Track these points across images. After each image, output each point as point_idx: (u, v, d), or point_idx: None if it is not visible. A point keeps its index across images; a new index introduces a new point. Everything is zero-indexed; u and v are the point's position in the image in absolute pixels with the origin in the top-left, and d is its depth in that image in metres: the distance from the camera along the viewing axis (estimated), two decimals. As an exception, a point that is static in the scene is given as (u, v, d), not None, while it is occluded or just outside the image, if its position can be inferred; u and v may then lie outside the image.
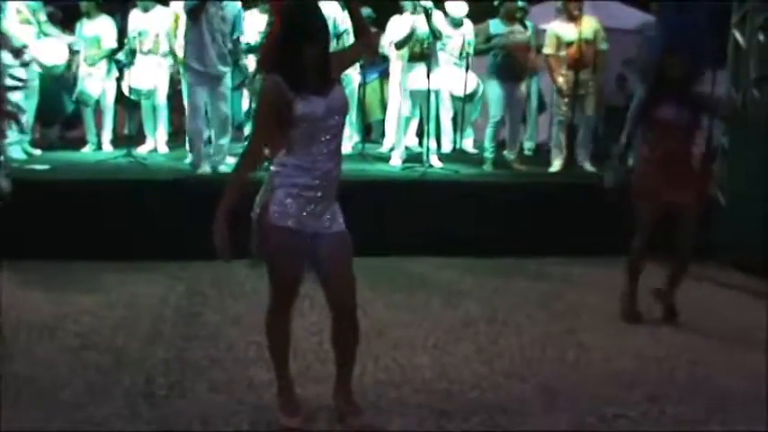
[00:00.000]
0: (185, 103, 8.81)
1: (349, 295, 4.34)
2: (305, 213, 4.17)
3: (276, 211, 4.21)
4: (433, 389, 5.02)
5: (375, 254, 5.78)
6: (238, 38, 8.82)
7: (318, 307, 5.44)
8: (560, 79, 9.32)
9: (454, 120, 10.85)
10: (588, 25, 9.31)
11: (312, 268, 4.31)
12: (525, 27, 9.61)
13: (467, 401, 4.87)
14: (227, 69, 8.63)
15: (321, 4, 4.26)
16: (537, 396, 4.98)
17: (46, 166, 8.81)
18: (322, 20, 4.14)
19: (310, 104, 4.05)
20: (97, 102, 10.29)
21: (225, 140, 8.78)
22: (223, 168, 8.62)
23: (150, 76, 9.91)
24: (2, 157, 5.45)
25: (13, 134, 9.29)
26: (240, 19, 8.75)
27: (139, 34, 9.94)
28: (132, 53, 9.81)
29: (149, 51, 9.94)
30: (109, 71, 10.27)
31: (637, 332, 6.16)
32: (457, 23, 10.11)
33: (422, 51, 9.20)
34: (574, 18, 9.26)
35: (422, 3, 9.05)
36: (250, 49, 9.29)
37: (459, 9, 10.11)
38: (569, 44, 9.23)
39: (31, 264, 7.23)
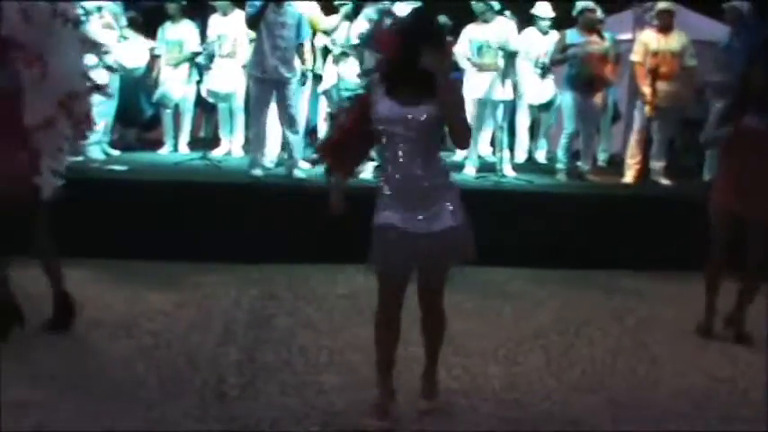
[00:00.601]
0: (251, 107, 8.89)
1: (436, 293, 4.54)
2: (402, 214, 4.36)
3: (378, 212, 4.46)
4: (503, 399, 4.99)
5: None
6: (302, 43, 8.86)
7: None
8: (645, 88, 9.21)
9: (530, 129, 10.81)
10: (677, 38, 9.20)
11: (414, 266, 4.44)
12: (602, 37, 9.52)
13: (537, 413, 4.84)
14: (291, 75, 8.65)
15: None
16: (607, 410, 4.93)
17: (124, 167, 8.95)
18: (427, 35, 4.29)
19: (389, 108, 4.30)
20: (176, 104, 10.45)
21: (295, 144, 8.82)
22: (297, 173, 8.65)
23: (228, 79, 10.02)
24: (50, 160, 5.54)
25: (93, 135, 9.45)
26: (303, 24, 8.76)
27: (218, 38, 10.05)
28: (211, 57, 9.95)
29: (228, 55, 10.04)
30: (190, 75, 10.43)
31: (709, 349, 6.05)
32: (544, 31, 10.10)
33: (493, 62, 9.16)
34: (663, 29, 9.16)
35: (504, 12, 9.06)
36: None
37: (546, 11, 10.10)
38: (654, 54, 9.13)
39: (108, 262, 7.34)
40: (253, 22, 8.45)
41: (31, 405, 4.61)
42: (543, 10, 10.33)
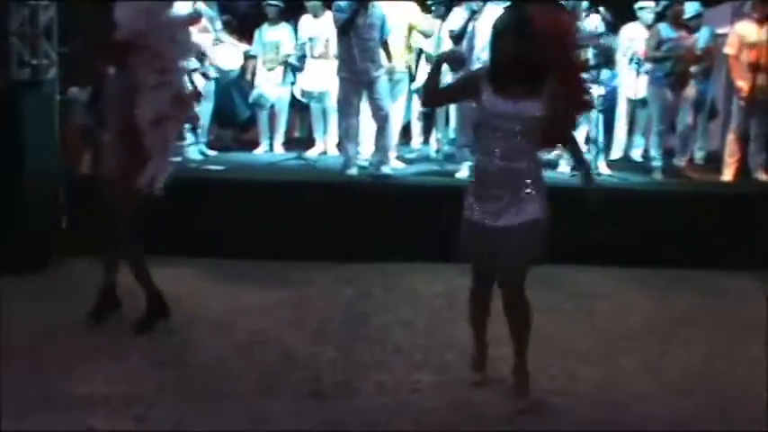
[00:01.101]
0: (340, 108, 8.95)
1: (516, 284, 4.62)
2: (485, 207, 4.55)
3: (465, 205, 4.68)
4: (599, 399, 4.93)
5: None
6: (386, 41, 8.84)
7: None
8: (740, 82, 9.00)
9: (629, 126, 10.68)
10: None
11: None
12: (693, 32, 9.28)
13: (633, 415, 4.76)
14: (379, 73, 8.67)
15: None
16: (706, 412, 4.82)
17: (221, 167, 9.09)
18: (528, 32, 4.42)
19: (495, 103, 4.47)
20: (272, 105, 10.58)
21: (386, 142, 8.84)
22: (386, 170, 8.68)
23: (321, 79, 10.08)
24: (160, 157, 5.71)
25: (191, 136, 9.64)
26: (386, 23, 8.75)
27: (310, 40, 10.14)
28: (302, 58, 10.05)
29: (320, 56, 10.11)
30: (285, 76, 10.54)
31: None
32: (647, 24, 9.96)
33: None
34: (761, 20, 8.94)
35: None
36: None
37: (647, 14, 10.00)
38: (752, 46, 8.92)
39: (205, 261, 7.46)
40: (346, 28, 8.49)
41: (130, 400, 4.70)
42: (647, 4, 10.12)
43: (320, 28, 10.07)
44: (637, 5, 10.13)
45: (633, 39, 10.05)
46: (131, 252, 5.86)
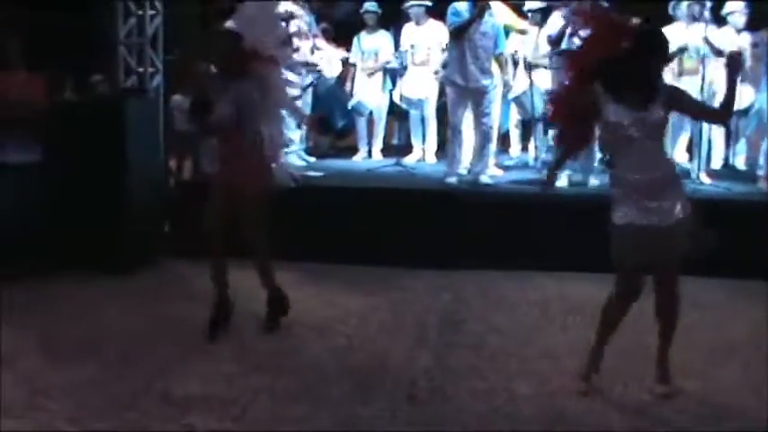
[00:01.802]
0: (448, 114, 8.95)
1: (671, 283, 4.92)
2: (638, 209, 4.72)
3: (613, 210, 4.82)
4: (699, 413, 4.81)
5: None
6: (501, 53, 8.87)
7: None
8: None
9: (727, 134, 10.43)
10: None
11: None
12: None
13: (734, 429, 4.66)
14: (488, 83, 8.68)
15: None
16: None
17: (320, 173, 9.18)
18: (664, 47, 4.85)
19: (619, 114, 4.68)
20: (370, 112, 10.65)
21: (487, 151, 8.83)
22: (485, 179, 8.66)
23: (421, 86, 10.12)
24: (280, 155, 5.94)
25: (291, 144, 9.77)
26: (501, 35, 8.78)
27: (412, 47, 10.18)
28: (403, 66, 10.11)
29: (421, 63, 10.15)
30: (384, 83, 10.61)
31: None
32: (738, 28, 9.71)
33: (694, 66, 8.87)
34: None
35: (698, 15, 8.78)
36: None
37: (737, 5, 9.73)
38: None
39: (305, 265, 7.52)
40: (459, 33, 8.49)
41: (223, 402, 4.81)
42: (734, 5, 9.87)
43: (422, 35, 10.11)
44: (724, 11, 9.86)
45: (725, 45, 9.77)
46: (267, 253, 6.02)
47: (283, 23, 8.92)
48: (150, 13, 8.54)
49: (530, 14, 9.97)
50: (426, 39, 10.09)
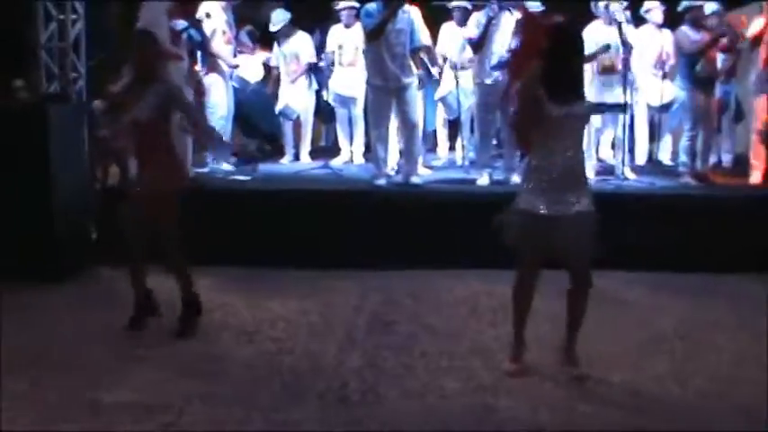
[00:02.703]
0: (370, 116, 8.96)
1: (582, 269, 5.16)
2: (542, 198, 5.00)
3: (519, 196, 5.14)
4: (626, 405, 4.90)
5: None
6: (416, 48, 8.77)
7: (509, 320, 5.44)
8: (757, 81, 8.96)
9: (651, 131, 10.62)
10: None
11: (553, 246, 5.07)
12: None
13: (661, 420, 4.73)
14: (410, 80, 8.59)
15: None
16: (735, 417, 4.78)
17: (246, 177, 9.15)
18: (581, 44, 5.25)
19: (547, 107, 4.93)
20: (297, 115, 10.62)
21: (416, 151, 8.82)
22: (415, 179, 8.67)
23: (350, 86, 10.12)
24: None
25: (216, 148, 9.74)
26: (416, 30, 8.66)
27: (339, 47, 10.18)
28: (331, 65, 10.11)
29: (349, 64, 10.16)
30: (309, 85, 10.60)
31: None
32: (657, 24, 9.89)
33: (612, 63, 9.02)
34: None
35: (615, 13, 8.91)
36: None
37: (658, 15, 9.89)
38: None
39: (232, 270, 7.49)
40: (376, 34, 8.39)
41: (155, 409, 4.76)
42: (651, 3, 10.05)
43: (350, 36, 10.10)
44: (643, 9, 10.03)
45: (646, 43, 9.95)
46: (182, 256, 5.98)
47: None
48: (72, 18, 8.41)
49: (454, 12, 10.06)
50: (354, 40, 10.07)
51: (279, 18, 10.33)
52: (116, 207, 6.00)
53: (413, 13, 8.63)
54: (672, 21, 9.63)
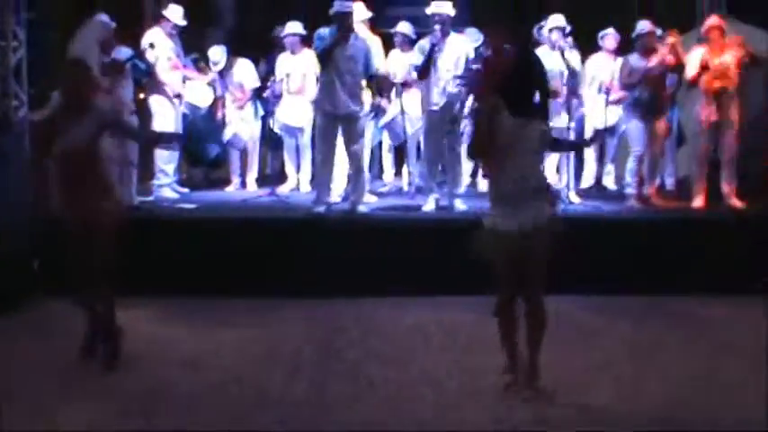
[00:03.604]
0: (317, 142, 8.91)
1: (536, 288, 5.27)
2: (501, 215, 5.17)
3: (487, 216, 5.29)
4: (576, 429, 4.93)
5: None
6: (371, 76, 8.79)
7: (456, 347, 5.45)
8: (698, 108, 9.11)
9: (599, 154, 10.76)
10: (731, 50, 9.01)
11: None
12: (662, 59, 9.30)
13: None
14: (359, 108, 8.59)
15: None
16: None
17: (193, 206, 9.09)
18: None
19: (505, 125, 5.10)
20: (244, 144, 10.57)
21: (362, 179, 8.78)
22: (362, 208, 8.63)
23: (297, 115, 10.09)
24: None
25: (164, 177, 9.66)
26: (370, 57, 8.67)
27: (287, 75, 10.15)
28: (276, 95, 10.10)
29: (296, 92, 10.11)
30: (255, 112, 10.58)
31: None
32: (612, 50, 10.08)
33: (555, 90, 9.08)
34: (715, 43, 9.01)
35: (559, 42, 9.02)
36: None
37: (611, 42, 10.08)
38: (709, 71, 8.98)
39: (175, 300, 7.43)
40: (325, 57, 8.42)
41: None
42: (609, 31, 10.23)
43: (297, 64, 10.07)
44: (599, 35, 10.21)
45: (598, 69, 10.11)
46: (111, 286, 5.89)
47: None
48: (13, 44, 8.33)
49: (396, 38, 10.12)
50: (301, 67, 10.06)
51: (218, 57, 10.40)
52: (61, 236, 5.91)
53: (368, 41, 8.64)
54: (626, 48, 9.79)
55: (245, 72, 10.49)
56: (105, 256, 5.77)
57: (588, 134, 10.21)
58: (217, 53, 10.40)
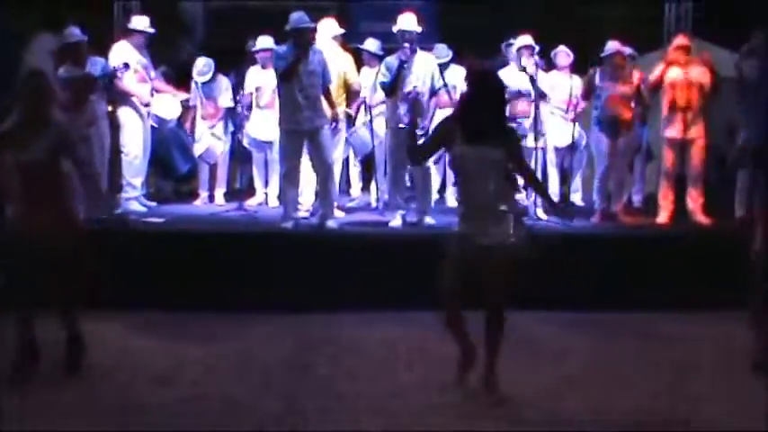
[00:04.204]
0: (280, 159, 8.92)
1: (497, 299, 5.44)
2: (466, 229, 5.41)
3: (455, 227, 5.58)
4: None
5: (476, 307, 5.81)
6: (328, 88, 8.76)
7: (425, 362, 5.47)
8: (663, 124, 9.22)
9: (562, 173, 10.83)
10: (697, 68, 9.12)
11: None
12: (628, 80, 9.38)
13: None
14: (322, 121, 8.57)
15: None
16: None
17: (161, 219, 9.07)
18: (499, 88, 5.56)
19: (463, 148, 5.31)
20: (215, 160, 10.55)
21: (330, 194, 8.75)
22: (330, 223, 8.58)
23: (266, 129, 10.05)
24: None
25: (132, 190, 9.62)
26: (326, 69, 8.66)
27: (257, 89, 10.17)
28: (247, 108, 10.09)
29: (266, 106, 10.11)
30: (226, 128, 10.57)
31: (752, 389, 5.84)
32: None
33: (524, 109, 9.13)
34: (680, 62, 9.13)
35: (527, 62, 9.10)
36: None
37: (564, 59, 10.16)
38: (675, 88, 9.11)
39: (146, 314, 7.41)
40: (289, 75, 8.36)
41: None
42: (562, 61, 10.33)
43: (267, 78, 10.07)
44: (552, 52, 10.30)
45: (554, 86, 10.16)
46: (74, 296, 5.89)
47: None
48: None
49: (364, 54, 10.17)
50: (271, 82, 10.05)
51: (205, 69, 10.40)
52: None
53: (341, 58, 8.64)
54: (580, 65, 9.87)
55: (222, 89, 10.50)
56: (63, 267, 5.74)
57: (549, 151, 10.28)
58: (204, 65, 10.41)
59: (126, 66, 9.18)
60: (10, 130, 5.86)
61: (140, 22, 9.71)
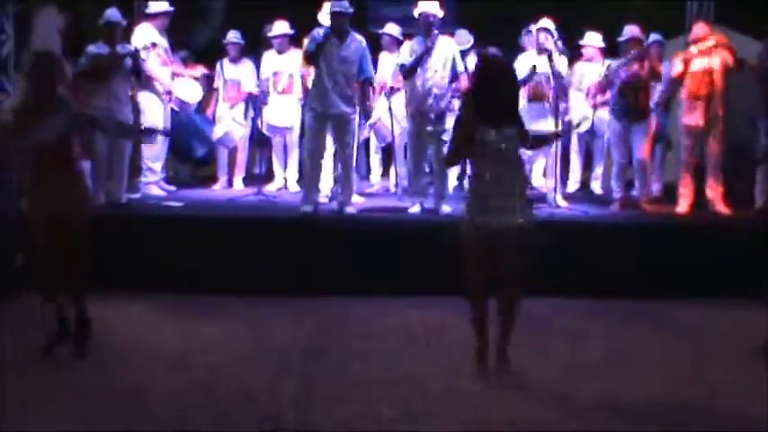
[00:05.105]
0: (306, 141, 8.90)
1: (514, 274, 5.49)
2: (481, 210, 5.45)
3: (465, 211, 5.62)
4: (558, 429, 4.96)
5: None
6: (365, 80, 8.74)
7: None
8: (683, 113, 9.16)
9: (585, 159, 10.79)
10: (716, 56, 9.02)
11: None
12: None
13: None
14: (350, 110, 8.55)
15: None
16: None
17: (179, 203, 9.08)
18: (510, 73, 5.75)
19: (482, 130, 5.39)
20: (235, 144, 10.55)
21: (350, 179, 8.76)
22: (350, 209, 8.61)
23: (284, 114, 10.07)
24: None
25: (152, 174, 9.64)
26: (366, 60, 8.63)
27: (274, 74, 10.16)
28: (264, 94, 10.09)
29: (283, 91, 10.12)
30: (246, 112, 10.56)
31: None
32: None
33: (542, 92, 9.11)
34: (702, 50, 9.04)
35: (546, 44, 9.03)
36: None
37: (595, 40, 10.13)
38: (694, 76, 9.04)
39: (164, 296, 7.43)
40: (312, 59, 8.42)
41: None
42: (591, 39, 10.29)
43: (284, 63, 10.07)
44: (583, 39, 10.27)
45: (584, 73, 10.15)
46: (84, 278, 5.91)
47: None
48: (1, 38, 8.30)
49: (383, 39, 10.15)
50: (288, 67, 10.06)
51: (234, 38, 10.44)
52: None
53: (364, 44, 8.62)
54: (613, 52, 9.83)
55: (246, 72, 10.48)
56: (75, 249, 5.78)
57: (573, 139, 10.26)
58: (235, 36, 10.44)
59: (153, 45, 9.19)
60: (20, 110, 5.88)
61: (160, 6, 9.70)
